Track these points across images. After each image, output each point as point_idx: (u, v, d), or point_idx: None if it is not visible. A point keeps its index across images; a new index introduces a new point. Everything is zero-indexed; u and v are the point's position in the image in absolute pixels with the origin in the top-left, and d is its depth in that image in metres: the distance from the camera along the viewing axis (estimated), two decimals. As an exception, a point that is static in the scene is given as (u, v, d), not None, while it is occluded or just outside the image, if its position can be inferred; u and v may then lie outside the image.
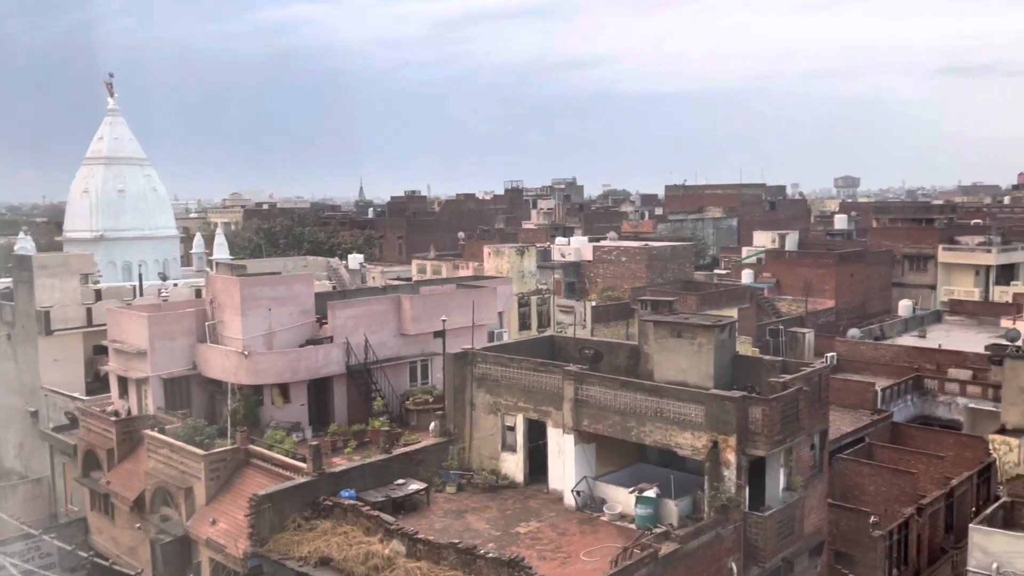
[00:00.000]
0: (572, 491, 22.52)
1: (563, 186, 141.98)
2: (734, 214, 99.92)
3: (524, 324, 47.40)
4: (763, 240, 78.55)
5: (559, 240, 65.77)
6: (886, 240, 73.89)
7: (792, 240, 77.29)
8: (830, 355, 43.31)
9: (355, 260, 63.51)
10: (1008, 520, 26.49)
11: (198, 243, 63.88)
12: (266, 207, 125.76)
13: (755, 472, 20.72)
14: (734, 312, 47.24)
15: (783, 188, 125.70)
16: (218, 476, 24.22)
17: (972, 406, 37.89)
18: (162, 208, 55.30)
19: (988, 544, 24.36)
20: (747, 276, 64.85)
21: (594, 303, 50.37)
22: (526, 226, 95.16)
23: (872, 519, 25.67)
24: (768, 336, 50.91)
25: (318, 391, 30.19)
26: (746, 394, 20.53)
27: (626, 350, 26.48)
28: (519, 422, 24.32)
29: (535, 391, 23.83)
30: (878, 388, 36.88)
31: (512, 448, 24.56)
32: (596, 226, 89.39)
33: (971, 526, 25.31)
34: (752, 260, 71.67)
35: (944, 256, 68.40)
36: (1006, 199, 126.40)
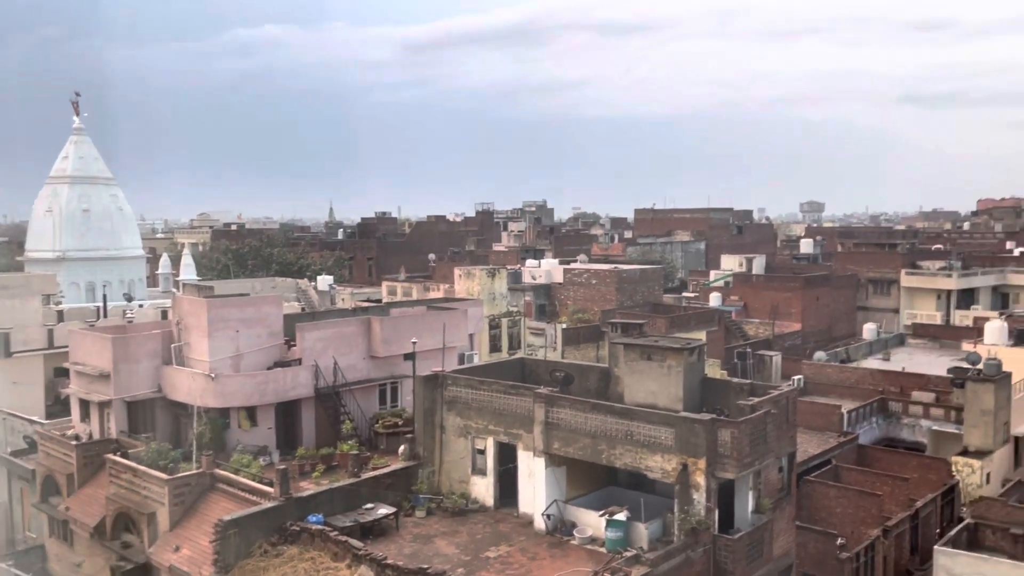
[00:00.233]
0: (542, 515, 22.42)
1: (534, 209, 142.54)
2: (702, 238, 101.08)
3: (495, 346, 47.33)
4: (731, 264, 79.47)
5: (530, 262, 66.01)
6: (851, 264, 75.18)
7: (759, 264, 78.27)
8: (797, 378, 43.78)
9: (324, 282, 63.16)
10: (972, 542, 26.89)
11: (165, 264, 63.10)
12: (235, 228, 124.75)
13: (724, 495, 20.81)
14: (703, 335, 47.65)
15: (750, 213, 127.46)
16: (182, 501, 23.77)
17: (935, 428, 38.47)
18: (128, 228, 54.59)
19: (953, 566, 24.67)
20: (715, 299, 65.47)
21: (564, 325, 50.48)
22: (497, 248, 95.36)
23: (839, 541, 25.87)
24: (736, 359, 51.31)
25: (286, 414, 29.83)
26: (715, 417, 20.67)
27: (596, 372, 26.55)
28: (489, 445, 24.22)
29: (505, 414, 23.76)
30: (844, 411, 37.31)
31: (482, 471, 24.42)
32: (566, 249, 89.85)
33: (936, 548, 25.63)
34: (720, 283, 72.43)
35: (907, 281, 69.70)
36: (965, 225, 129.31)
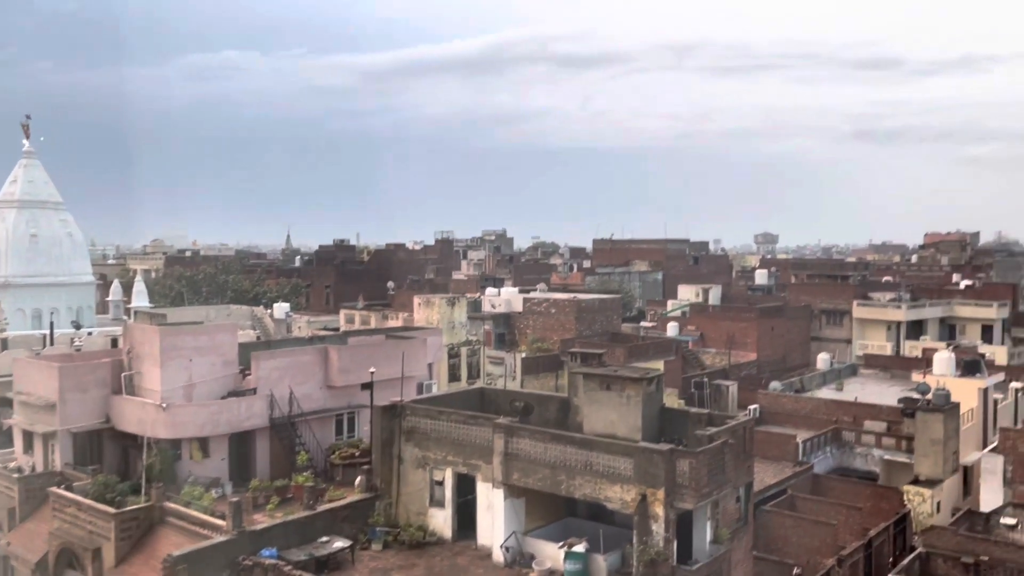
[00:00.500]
0: (501, 547, 22.21)
1: (493, 237, 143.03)
2: (660, 268, 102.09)
3: (454, 375, 47.09)
4: (687, 294, 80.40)
5: (489, 291, 65.97)
6: (804, 295, 76.54)
7: (715, 294, 79.31)
8: (753, 407, 44.23)
9: (281, 309, 62.38)
10: (924, 571, 27.26)
11: (116, 290, 61.73)
12: (189, 254, 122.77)
13: (682, 525, 20.84)
14: (661, 364, 47.95)
15: (706, 244, 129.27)
16: (129, 536, 23.06)
17: (887, 458, 39.08)
18: (77, 253, 53.38)
19: (906, 594, 24.93)
20: (672, 329, 66.06)
21: (524, 354, 50.46)
22: (456, 277, 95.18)
23: (795, 571, 26.01)
24: (693, 388, 51.70)
25: (239, 445, 29.23)
26: (674, 447, 20.76)
27: (556, 402, 26.54)
28: (448, 476, 23.98)
29: (465, 444, 23.58)
30: (799, 440, 37.74)
31: (440, 503, 24.15)
32: (526, 277, 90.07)
33: (889, 576, 25.89)
34: (677, 313, 73.16)
35: (858, 312, 71.17)
36: (914, 258, 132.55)
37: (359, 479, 25.72)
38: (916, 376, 45.48)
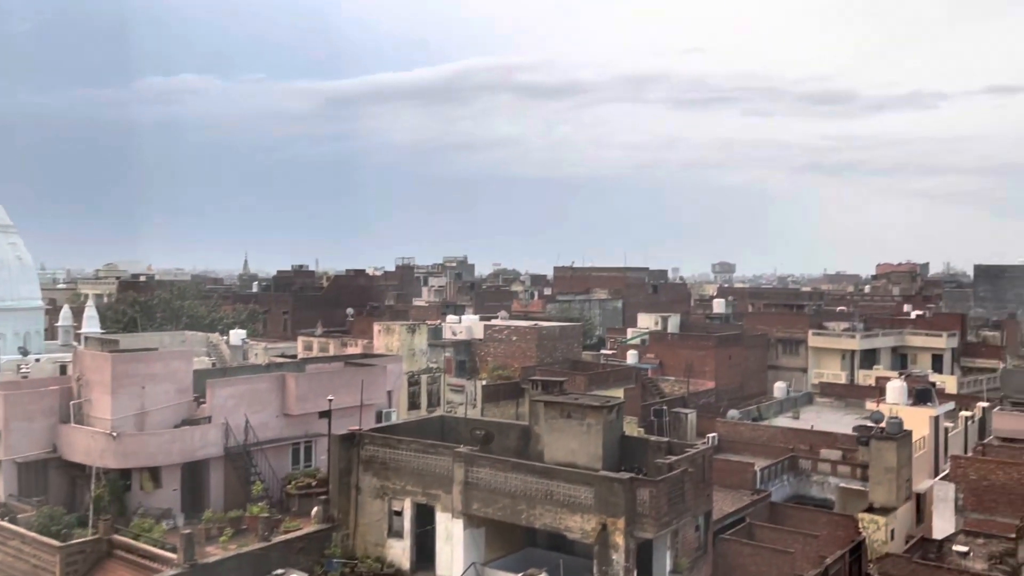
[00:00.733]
0: (460, 578, 21.92)
1: (454, 264, 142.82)
2: (619, 296, 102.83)
3: (414, 403, 46.67)
4: (647, 322, 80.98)
5: (450, 318, 65.69)
6: (761, 324, 77.61)
7: (674, 323, 80.00)
8: (712, 435, 44.50)
9: (237, 336, 61.30)
10: (879, 597, 27.48)
11: (66, 315, 60.12)
12: (143, 279, 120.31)
13: (642, 554, 20.80)
14: (620, 392, 48.09)
15: (665, 272, 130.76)
16: (76, 570, 22.29)
17: (842, 485, 39.55)
18: (26, 277, 52.05)
19: (862, 622, 25.11)
20: (632, 357, 66.42)
21: (485, 382, 50.25)
22: (417, 303, 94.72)
23: (754, 599, 26.08)
24: (653, 416, 51.93)
25: (193, 475, 28.55)
26: (634, 476, 20.77)
27: (517, 431, 26.42)
28: (407, 507, 23.67)
29: (424, 474, 23.33)
30: (757, 468, 38.03)
31: (399, 534, 23.80)
32: (487, 305, 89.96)
33: (846, 604, 26.06)
34: (637, 341, 73.61)
35: (813, 341, 72.32)
36: (867, 288, 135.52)
37: (316, 509, 25.24)
38: (870, 404, 46.23)
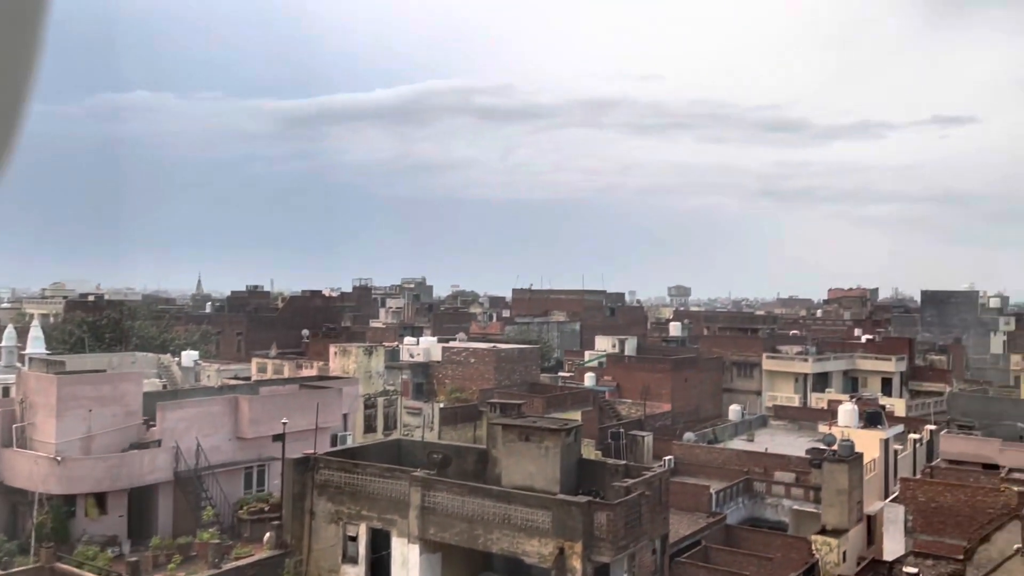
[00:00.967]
0: (416, 605, 21.61)
1: (413, 286, 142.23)
2: (577, 318, 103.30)
3: (370, 427, 46.10)
4: (604, 344, 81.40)
5: (408, 340, 65.32)
6: (716, 348, 78.54)
7: (631, 345, 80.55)
8: (668, 458, 44.75)
9: (189, 357, 60.11)
10: (832, 619, 27.75)
11: (9, 336, 58.32)
12: (92, 298, 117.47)
13: (600, 579, 20.75)
14: (578, 415, 48.11)
15: (622, 295, 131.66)
16: (14, 601, 21.45)
17: (796, 508, 40.02)
18: (-30, 296, 50.47)
19: (815, 644, 25.32)
20: (590, 379, 66.63)
21: (442, 405, 49.92)
22: (374, 325, 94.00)
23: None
24: (610, 439, 52.05)
25: (140, 500, 27.79)
26: (592, 499, 20.76)
27: (474, 454, 26.26)
28: (362, 532, 23.32)
29: (380, 498, 23.03)
30: (712, 491, 38.31)
31: (353, 560, 23.41)
32: (445, 326, 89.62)
33: (800, 626, 26.26)
34: (594, 364, 73.91)
35: (767, 364, 73.39)
36: (818, 312, 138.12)
37: (268, 535, 24.73)
38: (822, 427, 46.94)
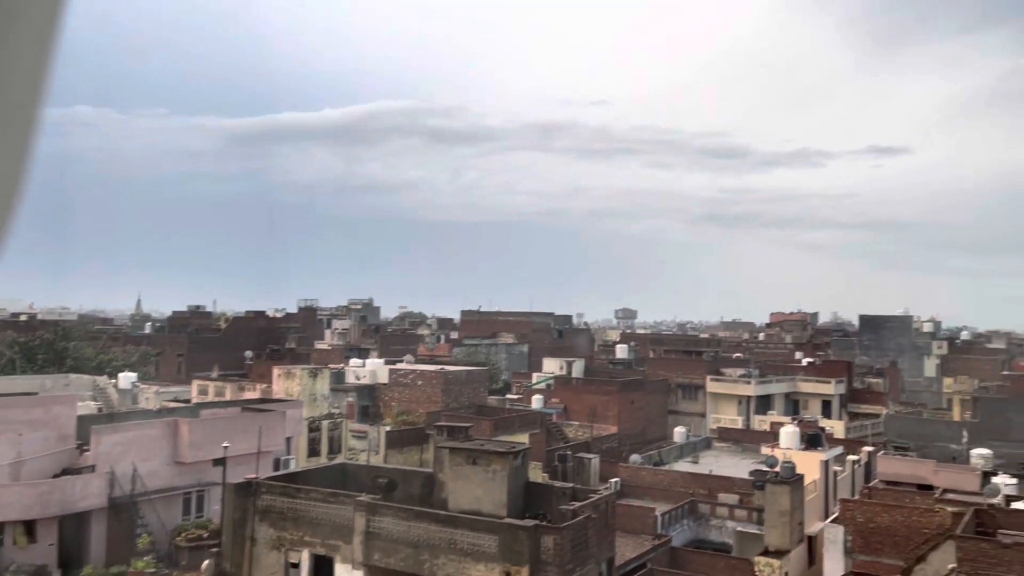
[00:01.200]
0: (359, 633, 21.19)
1: (359, 307, 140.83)
2: (525, 341, 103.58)
3: (314, 450, 45.32)
4: (552, 367, 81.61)
5: (354, 362, 64.57)
6: (662, 370, 79.43)
7: (579, 367, 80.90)
8: (614, 480, 44.92)
9: (127, 379, 58.44)
10: (775, 639, 28.05)
11: (-65, 356, 56.00)
12: (24, 318, 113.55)
13: (547, 603, 20.62)
14: (526, 437, 48.12)
15: (570, 317, 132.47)
16: (-67, 636, 20.39)
17: (740, 529, 40.50)
18: None
19: (759, 665, 25.54)
20: (537, 401, 66.69)
21: (388, 428, 49.36)
22: (320, 346, 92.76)
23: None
24: (557, 461, 52.04)
25: (72, 528, 26.78)
26: (539, 523, 20.69)
27: (420, 478, 25.98)
28: (304, 558, 22.80)
29: (323, 524, 22.58)
30: (658, 513, 38.55)
31: (295, 587, 22.86)
32: (392, 348, 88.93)
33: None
34: (542, 386, 74.03)
35: (711, 386, 74.44)
36: (761, 335, 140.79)
37: (207, 563, 24.01)
38: (765, 449, 47.69)
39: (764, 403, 73.52)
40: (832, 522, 37.81)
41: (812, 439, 46.43)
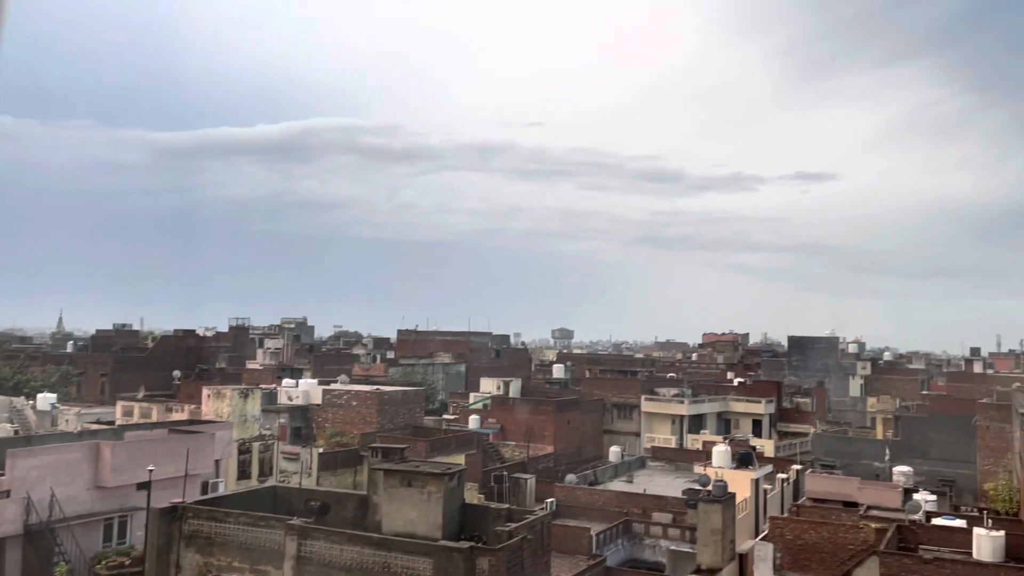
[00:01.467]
0: (289, 661, 20.64)
1: (293, 326, 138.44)
2: (462, 360, 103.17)
3: (244, 473, 44.17)
4: (489, 386, 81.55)
5: (287, 382, 63.30)
6: (597, 389, 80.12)
7: (516, 387, 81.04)
8: (550, 501, 44.95)
9: (46, 400, 56.14)
10: (707, 657, 28.35)
11: None
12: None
13: (481, 627, 20.43)
14: (462, 458, 47.87)
15: (508, 337, 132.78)
16: None
17: (673, 548, 40.92)
18: None
19: None
20: (474, 422, 66.46)
21: (321, 449, 48.48)
22: (251, 366, 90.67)
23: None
24: (493, 482, 51.90)
25: (-17, 558, 25.46)
26: (474, 545, 20.55)
27: (354, 500, 25.57)
28: (232, 585, 22.14)
29: (253, 549, 22.00)
30: (593, 533, 38.69)
31: (222, 615, 22.16)
32: (327, 368, 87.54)
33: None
34: (479, 406, 73.83)
35: (646, 406, 75.38)
36: (694, 356, 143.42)
37: (129, 592, 23.14)
38: (698, 468, 48.43)
39: (697, 422, 74.74)
40: (762, 540, 38.52)
41: (743, 458, 47.37)
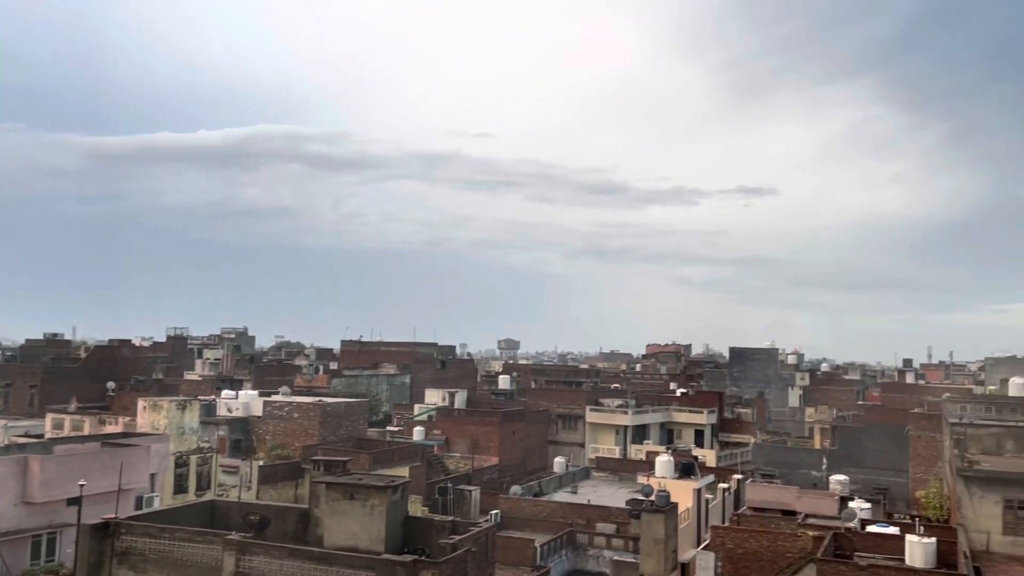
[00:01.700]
0: None
1: (233, 336, 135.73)
2: (408, 371, 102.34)
3: (181, 487, 43.06)
4: (434, 398, 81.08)
5: (226, 393, 61.86)
6: (543, 400, 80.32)
7: (461, 398, 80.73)
8: (494, 512, 44.89)
9: (-29, 412, 53.91)
10: (649, 667, 28.53)
11: None
12: None
13: (424, 641, 20.21)
14: (406, 471, 47.42)
15: (453, 348, 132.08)
16: None
17: (616, 558, 41.16)
18: None
19: None
20: (419, 433, 65.97)
21: (262, 462, 47.53)
22: (189, 377, 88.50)
23: None
24: (438, 494, 51.57)
25: (-102, 579, 24.25)
26: (417, 558, 20.34)
27: (295, 514, 25.09)
28: (167, 603, 21.49)
29: (189, 565, 21.41)
30: (537, 544, 38.74)
31: (156, 635, 21.48)
32: (268, 379, 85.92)
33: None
34: (424, 417, 73.33)
35: (591, 417, 75.83)
36: (638, 366, 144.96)
37: (56, 612, 22.27)
38: (641, 478, 48.85)
39: (640, 432, 75.45)
40: (704, 549, 39.01)
41: (686, 468, 47.93)
